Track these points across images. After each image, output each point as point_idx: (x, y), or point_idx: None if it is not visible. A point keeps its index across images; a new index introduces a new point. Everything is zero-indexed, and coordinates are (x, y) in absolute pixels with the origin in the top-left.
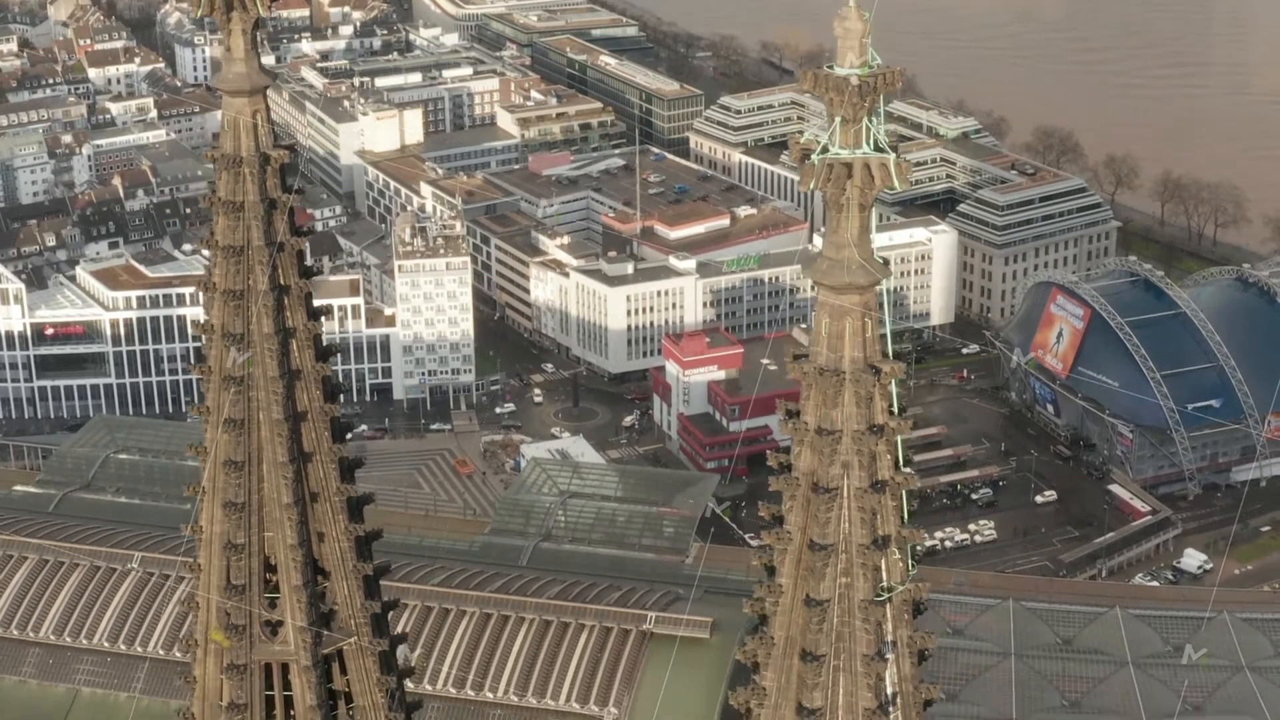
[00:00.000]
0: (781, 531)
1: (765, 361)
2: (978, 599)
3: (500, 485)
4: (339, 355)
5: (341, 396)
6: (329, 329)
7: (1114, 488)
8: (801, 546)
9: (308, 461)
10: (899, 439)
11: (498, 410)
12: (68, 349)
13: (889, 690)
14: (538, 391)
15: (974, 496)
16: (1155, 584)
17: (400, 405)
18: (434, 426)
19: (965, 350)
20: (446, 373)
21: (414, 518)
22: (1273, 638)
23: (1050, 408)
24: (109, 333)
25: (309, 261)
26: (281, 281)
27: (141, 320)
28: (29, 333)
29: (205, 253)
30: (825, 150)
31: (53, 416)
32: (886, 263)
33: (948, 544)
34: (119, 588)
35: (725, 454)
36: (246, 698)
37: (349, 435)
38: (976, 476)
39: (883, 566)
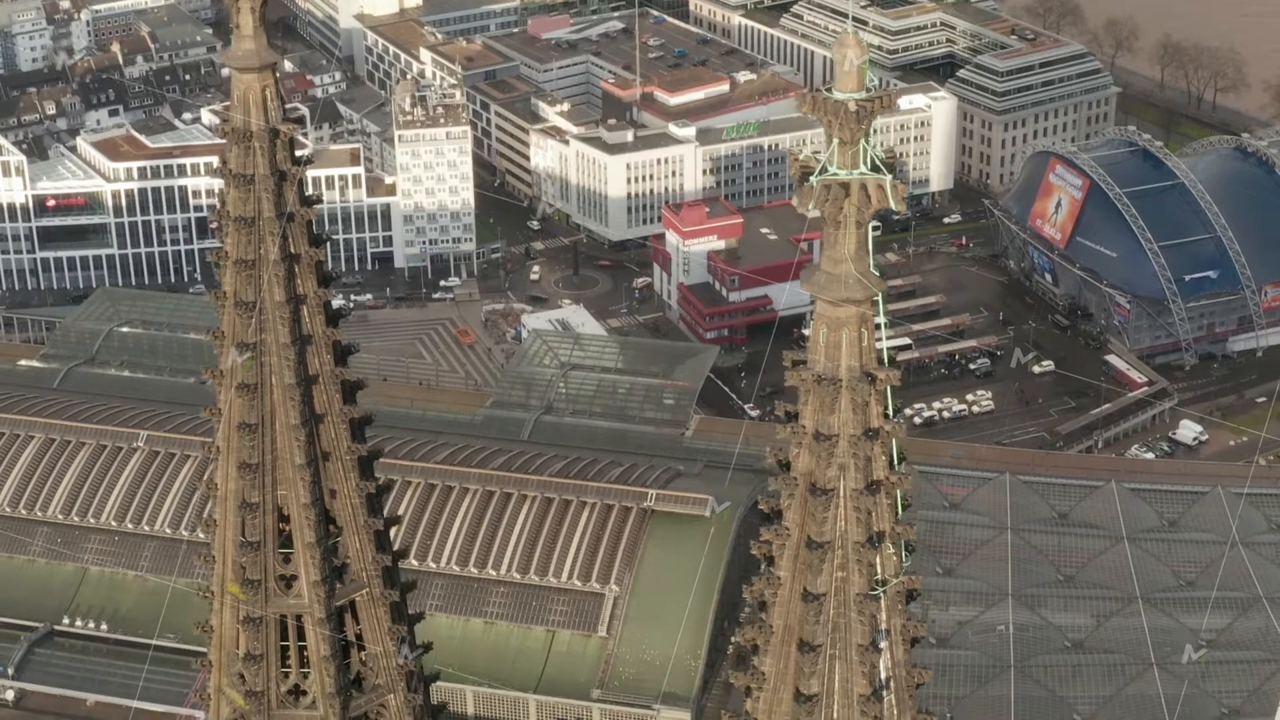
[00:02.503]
0: (780, 528)
1: (765, 231)
2: (975, 472)
3: (501, 355)
4: (340, 224)
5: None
6: (329, 199)
7: (1111, 358)
8: (799, 543)
9: (319, 423)
10: (894, 440)
11: (442, 284)
12: (69, 220)
13: (883, 675)
14: (535, 269)
15: (971, 367)
16: (1151, 456)
17: (401, 274)
18: (442, 284)
19: (947, 220)
20: (447, 241)
21: (416, 390)
22: (1266, 513)
23: (1048, 277)
24: (110, 204)
25: (308, 141)
26: (292, 250)
27: (143, 191)
28: (30, 204)
29: (204, 123)
30: (824, 171)
31: (55, 288)
32: (881, 276)
33: (945, 414)
34: (125, 466)
35: (725, 324)
36: (262, 648)
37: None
38: (975, 346)
39: (877, 561)
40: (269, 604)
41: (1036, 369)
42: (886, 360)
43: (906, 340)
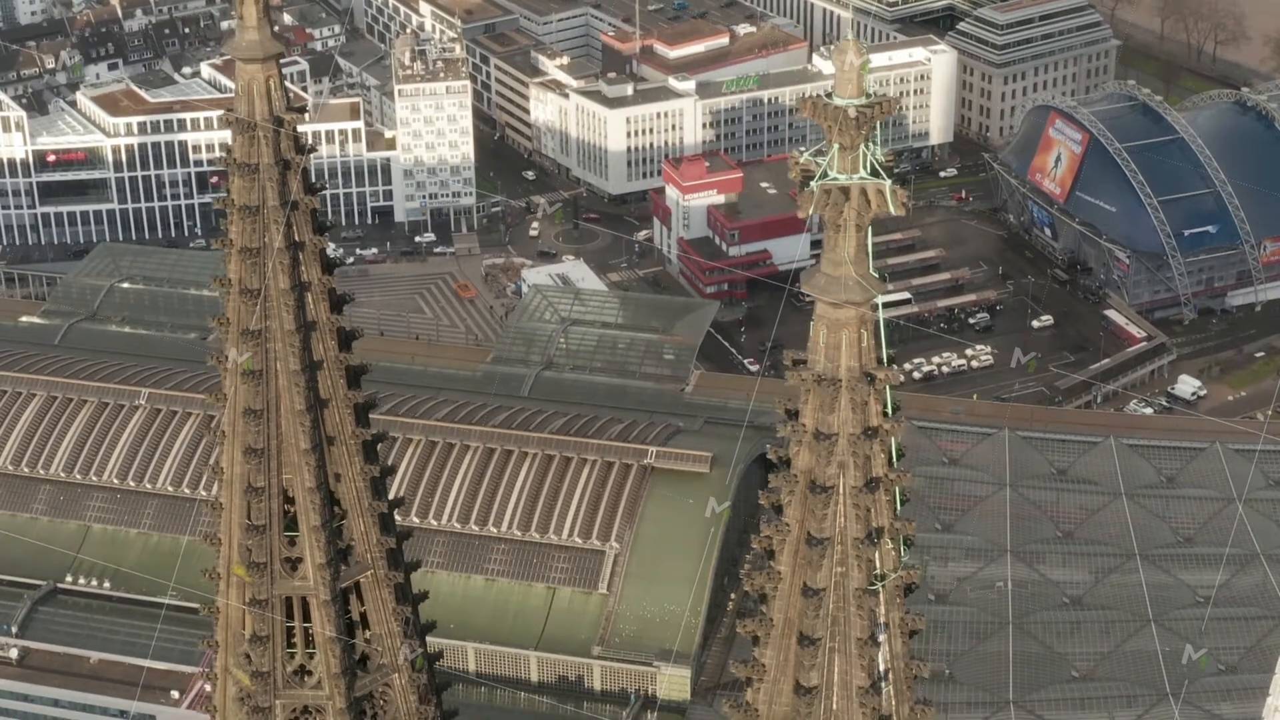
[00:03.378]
0: (780, 523)
1: (764, 185)
2: (974, 428)
3: (502, 309)
4: (339, 179)
5: (352, 334)
6: (329, 153)
7: (1110, 313)
8: (799, 539)
9: (324, 408)
10: (893, 438)
11: (417, 238)
12: (70, 175)
13: (881, 667)
14: (535, 224)
15: (971, 321)
16: (1150, 411)
17: (401, 228)
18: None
19: (943, 174)
20: (447, 195)
21: (416, 345)
22: (1264, 469)
23: (1048, 231)
24: (111, 159)
25: (309, 94)
26: (296, 238)
27: (143, 146)
28: (31, 160)
29: (204, 77)
30: (824, 175)
31: (56, 243)
32: (881, 277)
33: (944, 369)
34: (127, 424)
35: (725, 278)
36: (268, 630)
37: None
38: (974, 301)
39: (876, 557)
40: (274, 586)
41: (1036, 324)
42: (886, 360)
43: (906, 295)
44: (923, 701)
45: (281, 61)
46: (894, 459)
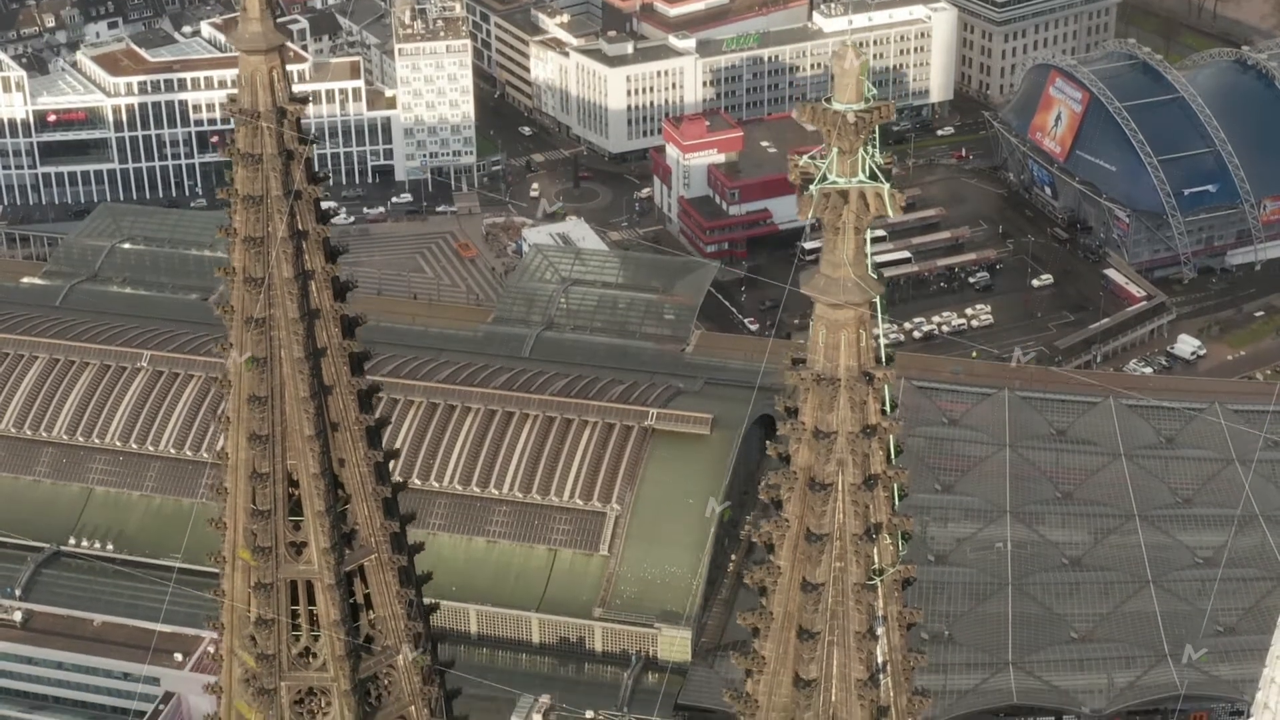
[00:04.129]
0: (780, 519)
1: (765, 144)
2: (974, 389)
3: (502, 268)
4: (340, 138)
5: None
6: (330, 112)
7: (1110, 272)
8: (799, 535)
9: (328, 395)
10: (891, 436)
11: (393, 201)
12: (70, 135)
13: (880, 660)
14: (535, 186)
15: (971, 280)
16: (1149, 370)
17: (402, 187)
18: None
19: (942, 132)
20: (448, 155)
21: (418, 306)
22: (1261, 428)
23: (1048, 190)
24: (111, 118)
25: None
26: (300, 227)
27: (144, 106)
28: (31, 120)
29: (204, 36)
30: (824, 179)
31: (56, 203)
32: (880, 278)
33: (945, 329)
34: (129, 387)
35: (725, 237)
36: (273, 613)
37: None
38: (974, 260)
39: (874, 552)
40: (279, 570)
41: (1035, 283)
42: (885, 359)
43: (906, 254)
44: (920, 693)
45: (280, 19)
46: (892, 456)
